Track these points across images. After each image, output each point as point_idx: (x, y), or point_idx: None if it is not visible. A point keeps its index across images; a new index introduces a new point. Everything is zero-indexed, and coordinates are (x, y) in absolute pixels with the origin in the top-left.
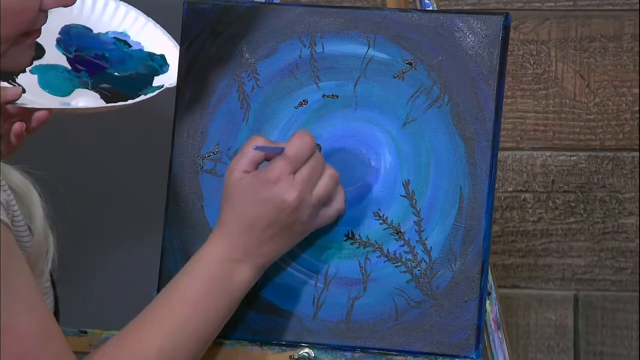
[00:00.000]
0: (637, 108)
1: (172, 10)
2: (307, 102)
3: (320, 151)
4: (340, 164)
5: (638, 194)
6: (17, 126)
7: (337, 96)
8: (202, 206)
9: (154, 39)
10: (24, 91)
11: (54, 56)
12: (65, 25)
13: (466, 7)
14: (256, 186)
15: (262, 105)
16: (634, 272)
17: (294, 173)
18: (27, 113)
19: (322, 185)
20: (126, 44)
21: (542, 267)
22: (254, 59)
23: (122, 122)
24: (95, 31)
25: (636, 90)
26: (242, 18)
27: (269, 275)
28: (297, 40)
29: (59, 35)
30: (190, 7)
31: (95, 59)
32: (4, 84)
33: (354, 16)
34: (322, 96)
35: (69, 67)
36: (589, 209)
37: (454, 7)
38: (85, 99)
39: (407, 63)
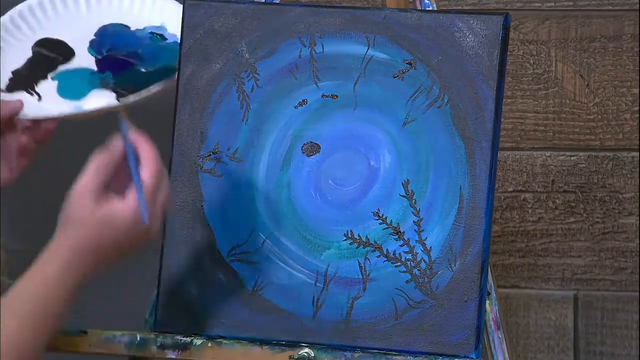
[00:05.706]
0: (637, 108)
1: None
2: (306, 102)
3: (319, 151)
4: (339, 163)
5: (638, 194)
6: (21, 141)
7: (336, 96)
8: (202, 206)
9: None
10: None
11: (82, 59)
12: (102, 26)
13: (466, 7)
14: None
15: (261, 105)
16: (633, 272)
17: None
18: (36, 126)
19: None
20: (162, 37)
21: (542, 267)
22: (254, 59)
23: None
24: (132, 28)
25: (636, 90)
26: (242, 18)
27: (269, 275)
28: (296, 40)
29: (94, 37)
30: (190, 7)
31: (127, 57)
32: (19, 94)
33: (353, 16)
34: (322, 96)
35: (95, 68)
36: (589, 209)
37: (454, 7)
38: (97, 100)
39: (406, 63)
